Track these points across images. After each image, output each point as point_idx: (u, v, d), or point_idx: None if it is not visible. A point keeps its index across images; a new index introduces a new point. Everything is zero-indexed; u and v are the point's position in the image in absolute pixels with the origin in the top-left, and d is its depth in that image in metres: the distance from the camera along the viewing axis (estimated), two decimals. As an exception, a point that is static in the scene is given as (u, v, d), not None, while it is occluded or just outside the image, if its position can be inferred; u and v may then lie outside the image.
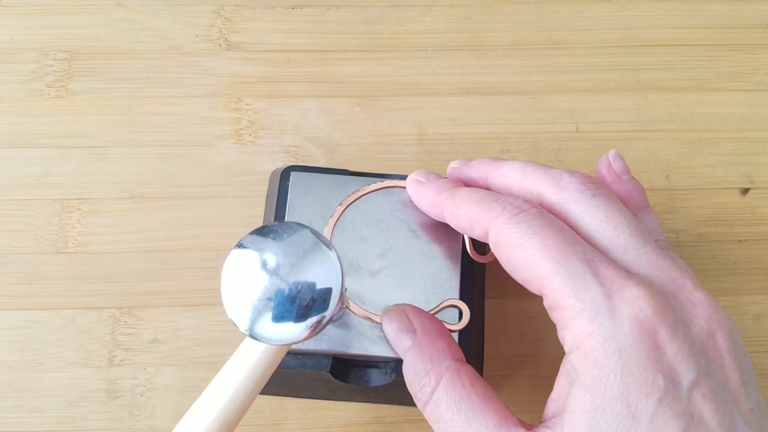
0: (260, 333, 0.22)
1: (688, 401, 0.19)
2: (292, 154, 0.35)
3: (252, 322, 0.22)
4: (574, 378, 0.20)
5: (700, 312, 0.21)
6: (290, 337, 0.22)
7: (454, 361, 0.23)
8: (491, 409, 0.22)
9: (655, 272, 0.22)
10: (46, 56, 0.37)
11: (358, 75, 0.37)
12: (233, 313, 0.22)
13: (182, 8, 0.38)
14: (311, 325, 0.22)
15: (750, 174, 0.36)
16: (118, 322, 0.32)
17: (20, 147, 0.35)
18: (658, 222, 0.26)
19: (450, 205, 0.25)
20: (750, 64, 0.38)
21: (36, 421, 0.30)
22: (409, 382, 0.23)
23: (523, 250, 0.22)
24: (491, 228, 0.23)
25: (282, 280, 0.22)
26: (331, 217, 0.28)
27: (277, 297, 0.22)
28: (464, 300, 0.27)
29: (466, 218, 0.24)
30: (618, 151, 0.27)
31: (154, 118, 0.36)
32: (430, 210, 0.27)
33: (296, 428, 0.31)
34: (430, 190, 0.27)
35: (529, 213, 0.22)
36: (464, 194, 0.25)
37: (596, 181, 0.24)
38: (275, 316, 0.22)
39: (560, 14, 0.39)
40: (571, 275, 0.21)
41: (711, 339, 0.21)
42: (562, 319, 0.21)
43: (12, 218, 0.34)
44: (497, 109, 0.37)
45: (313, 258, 0.22)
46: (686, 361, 0.20)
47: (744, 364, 0.21)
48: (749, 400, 0.20)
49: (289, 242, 0.22)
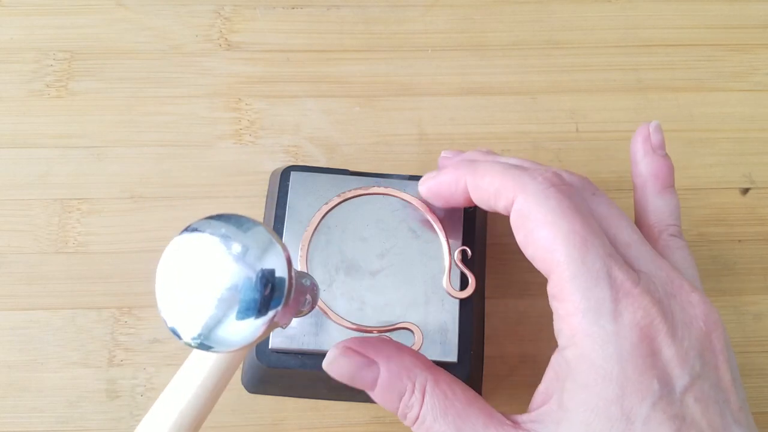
0: (218, 336, 0.18)
1: (681, 404, 0.20)
2: (292, 154, 0.35)
3: (209, 324, 0.18)
4: (567, 374, 0.21)
5: (698, 313, 0.21)
6: (247, 338, 0.18)
7: (427, 371, 0.23)
8: (476, 410, 0.22)
9: (657, 270, 0.22)
10: (46, 56, 0.37)
11: (358, 75, 0.37)
12: (177, 317, 0.18)
13: (182, 8, 0.38)
14: (268, 320, 0.19)
15: (750, 174, 0.36)
16: (118, 322, 0.32)
17: (20, 147, 0.35)
18: (677, 204, 0.26)
19: (472, 176, 0.24)
20: (750, 64, 0.38)
21: (36, 421, 0.30)
22: (391, 409, 0.23)
23: (545, 228, 0.21)
24: (518, 197, 0.22)
25: (250, 268, 0.19)
26: (309, 225, 0.28)
27: (245, 286, 0.18)
28: (464, 301, 0.27)
29: (491, 188, 0.23)
30: (659, 124, 0.26)
31: (154, 118, 0.36)
32: (449, 188, 0.25)
33: (296, 428, 0.31)
34: (448, 170, 0.26)
35: (561, 190, 0.22)
36: (488, 165, 0.24)
37: (594, 183, 0.24)
38: (241, 311, 0.18)
39: (560, 14, 0.39)
40: (585, 269, 0.20)
41: (707, 340, 0.21)
42: (563, 310, 0.21)
43: (12, 218, 0.34)
44: (497, 109, 0.37)
45: (271, 248, 0.19)
46: (681, 365, 0.20)
47: (733, 363, 0.21)
48: (738, 398, 0.21)
49: (249, 231, 0.19)
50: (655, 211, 0.25)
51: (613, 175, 0.35)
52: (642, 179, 0.26)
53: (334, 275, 0.27)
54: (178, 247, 0.19)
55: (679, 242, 0.25)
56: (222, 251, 0.19)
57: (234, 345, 0.18)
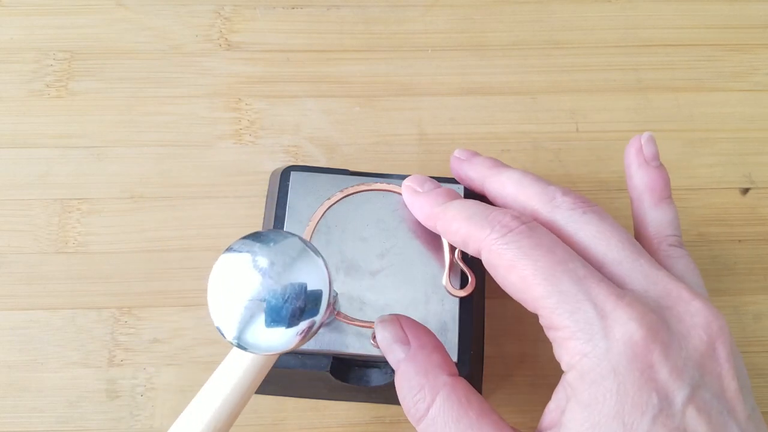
0: (249, 341, 0.21)
1: (681, 417, 0.19)
2: (292, 154, 0.35)
3: (241, 329, 0.21)
4: (571, 395, 0.21)
5: (698, 322, 0.21)
6: (280, 345, 0.21)
7: (450, 377, 0.23)
8: (488, 423, 0.22)
9: (650, 285, 0.22)
10: (46, 56, 0.37)
11: (358, 75, 0.37)
12: (220, 320, 0.21)
13: (182, 8, 0.38)
14: (302, 331, 0.21)
15: (750, 174, 0.36)
16: (118, 322, 0.32)
17: (20, 147, 0.35)
18: (676, 215, 0.25)
19: (443, 221, 0.25)
20: (750, 64, 0.38)
21: (36, 421, 0.30)
22: (402, 396, 0.23)
23: (515, 271, 0.22)
24: (482, 248, 0.23)
25: (275, 281, 0.21)
26: (311, 220, 0.28)
27: (270, 298, 0.21)
28: (464, 301, 0.27)
29: (458, 236, 0.24)
30: (651, 135, 0.26)
31: (154, 118, 0.36)
32: (425, 222, 0.27)
33: (296, 428, 0.31)
34: (424, 204, 0.26)
35: (518, 232, 0.22)
36: (456, 210, 0.24)
37: (588, 201, 0.24)
38: (267, 320, 0.21)
39: (560, 14, 0.39)
40: (563, 296, 0.21)
41: (710, 349, 0.21)
42: (558, 338, 0.21)
43: (12, 218, 0.34)
44: (497, 109, 0.37)
45: (303, 262, 0.22)
46: (680, 378, 0.20)
47: (740, 370, 0.21)
48: (746, 407, 0.20)
49: (279, 247, 0.22)
50: (653, 223, 0.25)
51: (613, 175, 0.35)
52: (638, 192, 0.26)
53: (334, 275, 0.27)
54: (224, 261, 0.22)
55: (680, 251, 0.24)
56: (260, 267, 0.22)
57: (267, 350, 0.21)
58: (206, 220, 0.34)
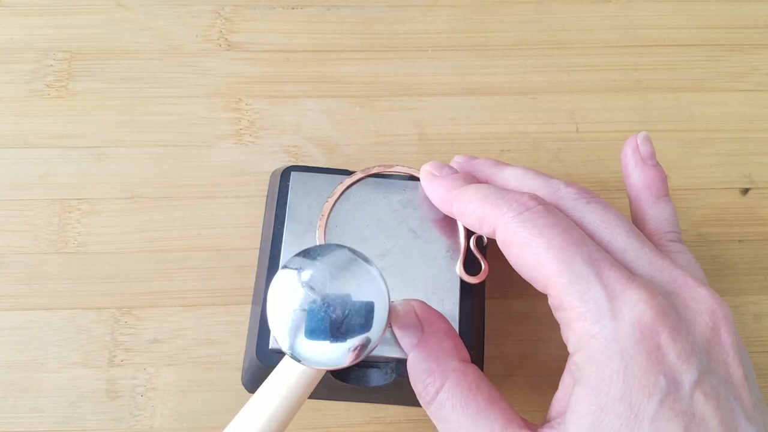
0: (299, 352, 0.21)
1: (689, 401, 0.19)
2: (292, 154, 0.35)
3: (291, 339, 0.21)
4: (578, 378, 0.21)
5: (704, 309, 0.21)
6: (330, 360, 0.21)
7: (460, 362, 0.23)
8: (497, 410, 0.22)
9: (656, 272, 0.22)
10: (46, 56, 0.37)
11: (358, 75, 0.37)
12: (276, 331, 0.21)
13: (182, 8, 0.38)
14: (354, 347, 0.21)
15: (750, 174, 0.36)
16: (118, 322, 0.32)
17: (20, 147, 0.35)
18: (674, 212, 0.26)
19: (458, 203, 0.25)
20: (750, 64, 0.38)
21: (36, 421, 0.30)
22: (413, 380, 0.23)
23: (529, 249, 0.22)
24: (498, 227, 0.23)
25: (316, 293, 0.21)
26: (322, 215, 0.28)
27: (311, 309, 0.21)
28: (464, 300, 0.27)
29: (474, 216, 0.24)
30: (647, 134, 0.27)
31: (154, 118, 0.36)
32: (441, 206, 0.27)
33: (296, 428, 0.31)
34: (441, 186, 0.27)
35: (535, 211, 0.22)
36: (472, 192, 0.25)
37: (591, 192, 0.24)
38: (309, 330, 0.21)
39: (560, 14, 0.39)
40: (575, 276, 0.21)
41: (716, 336, 0.21)
42: (566, 319, 0.21)
43: (12, 218, 0.34)
44: (497, 109, 0.37)
45: (350, 273, 0.22)
46: (688, 361, 0.20)
47: (745, 359, 0.21)
48: (751, 396, 0.20)
49: (327, 259, 0.22)
50: (651, 221, 0.25)
51: (613, 175, 0.35)
52: (635, 191, 0.26)
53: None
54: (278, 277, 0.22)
55: (680, 246, 0.25)
56: (304, 281, 0.22)
57: (317, 363, 0.21)
58: (206, 220, 0.34)
